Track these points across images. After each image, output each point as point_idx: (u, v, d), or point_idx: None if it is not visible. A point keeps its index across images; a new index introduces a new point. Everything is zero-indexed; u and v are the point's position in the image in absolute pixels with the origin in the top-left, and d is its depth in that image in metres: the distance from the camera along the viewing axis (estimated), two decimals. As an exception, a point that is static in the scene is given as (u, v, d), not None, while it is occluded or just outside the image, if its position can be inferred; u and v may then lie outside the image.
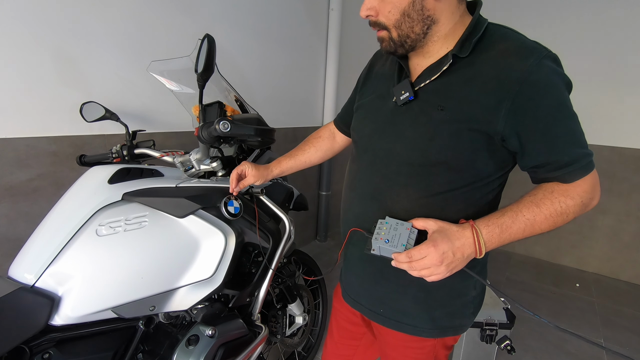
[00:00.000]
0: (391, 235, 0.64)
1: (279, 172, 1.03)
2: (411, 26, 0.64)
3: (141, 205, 0.89)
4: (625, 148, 2.61)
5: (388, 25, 0.66)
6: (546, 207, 0.63)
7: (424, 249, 0.61)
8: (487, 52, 0.63)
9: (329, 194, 3.06)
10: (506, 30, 0.65)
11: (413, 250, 0.61)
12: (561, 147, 0.62)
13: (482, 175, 0.68)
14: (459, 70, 0.65)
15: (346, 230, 0.85)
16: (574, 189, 0.63)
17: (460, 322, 0.79)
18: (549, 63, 0.60)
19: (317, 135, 1.06)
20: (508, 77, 0.59)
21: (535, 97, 0.59)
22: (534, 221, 0.63)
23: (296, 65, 2.57)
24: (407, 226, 0.65)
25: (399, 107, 0.71)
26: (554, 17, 2.66)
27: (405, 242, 0.63)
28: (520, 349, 1.84)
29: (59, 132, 1.36)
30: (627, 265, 2.73)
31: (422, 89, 0.68)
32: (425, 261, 0.60)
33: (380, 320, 0.82)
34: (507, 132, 0.62)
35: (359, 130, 0.82)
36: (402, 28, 0.65)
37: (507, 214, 0.64)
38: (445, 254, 0.60)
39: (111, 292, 0.81)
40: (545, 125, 0.60)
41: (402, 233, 0.64)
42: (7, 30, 1.18)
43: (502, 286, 2.56)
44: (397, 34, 0.66)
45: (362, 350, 1.00)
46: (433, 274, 0.62)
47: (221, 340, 0.97)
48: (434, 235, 0.63)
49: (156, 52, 1.61)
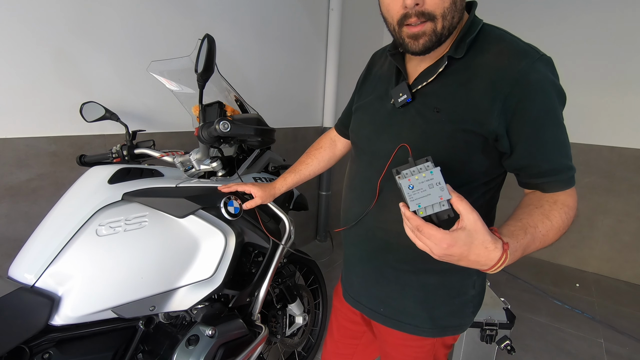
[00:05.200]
0: (419, 188, 0.52)
1: (285, 189, 1.06)
2: (454, 17, 0.61)
3: (141, 205, 0.89)
4: (625, 148, 2.61)
5: (437, 15, 0.59)
6: (556, 220, 0.62)
7: (439, 235, 0.52)
8: (482, 54, 0.63)
9: (329, 194, 3.06)
10: (501, 32, 0.65)
11: (426, 227, 0.52)
12: (547, 152, 0.62)
13: (478, 176, 0.69)
14: (455, 72, 0.65)
15: (347, 231, 0.85)
16: (570, 199, 0.64)
17: (460, 321, 0.80)
18: (542, 66, 0.60)
19: (318, 146, 1.07)
20: (501, 78, 0.60)
21: (525, 99, 0.59)
22: (547, 237, 0.61)
23: (296, 65, 2.57)
24: (442, 195, 0.52)
25: (396, 109, 0.72)
26: (554, 16, 2.66)
27: (425, 206, 0.52)
28: (520, 349, 1.84)
29: (59, 132, 1.36)
30: (627, 265, 2.73)
31: (419, 91, 0.69)
32: (427, 242, 0.53)
33: (380, 319, 0.82)
34: (500, 132, 0.62)
35: (358, 131, 0.82)
36: (447, 18, 0.60)
37: (529, 230, 0.59)
38: (452, 254, 0.53)
39: (111, 292, 0.81)
40: (534, 129, 0.61)
41: (432, 195, 0.52)
42: (7, 30, 1.18)
43: (502, 286, 2.56)
44: (442, 25, 0.60)
45: (362, 349, 1.00)
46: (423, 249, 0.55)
47: (221, 340, 0.97)
48: (459, 233, 0.52)
49: (156, 52, 1.61)
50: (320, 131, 2.93)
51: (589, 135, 2.67)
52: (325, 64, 2.88)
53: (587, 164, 2.70)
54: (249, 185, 1.02)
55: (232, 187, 1.02)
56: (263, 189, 1.03)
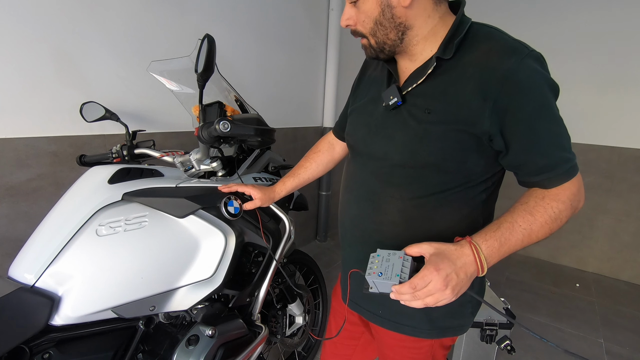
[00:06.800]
0: (384, 268, 0.59)
1: (285, 193, 1.07)
2: (385, 33, 0.67)
3: (141, 205, 0.89)
4: (625, 148, 2.61)
5: (365, 34, 0.69)
6: (540, 215, 0.62)
7: (426, 274, 0.56)
8: (471, 53, 0.63)
9: (329, 194, 3.06)
10: (490, 30, 0.65)
11: (415, 279, 0.56)
12: (543, 148, 0.61)
13: (474, 175, 0.69)
14: (444, 73, 0.65)
15: (344, 232, 0.86)
16: (564, 192, 0.63)
17: (460, 322, 0.80)
18: (532, 62, 0.60)
19: (317, 149, 1.07)
20: (491, 76, 0.60)
21: (517, 96, 0.59)
22: (530, 230, 0.62)
23: (296, 66, 2.57)
24: (400, 255, 0.60)
25: (389, 111, 0.72)
26: (553, 16, 2.66)
27: (399, 272, 0.58)
28: (520, 349, 1.84)
29: (59, 132, 1.36)
30: (627, 265, 2.73)
31: (410, 93, 0.69)
32: (430, 287, 0.56)
33: (378, 321, 0.82)
34: (493, 132, 0.62)
35: (353, 133, 0.83)
36: (377, 35, 0.67)
37: (503, 225, 0.62)
38: (449, 276, 0.56)
39: (111, 292, 0.81)
40: (527, 126, 0.60)
41: (395, 263, 0.59)
42: (7, 30, 1.18)
43: (502, 286, 2.56)
44: (375, 41, 0.68)
45: (361, 349, 1.00)
46: (439, 300, 0.57)
47: (221, 340, 0.97)
48: (432, 258, 0.59)
49: (156, 52, 1.61)
50: (320, 131, 2.93)
51: (589, 135, 2.67)
52: (325, 64, 2.88)
53: (587, 164, 2.70)
54: (249, 187, 1.02)
55: (232, 187, 1.02)
56: (263, 191, 1.03)
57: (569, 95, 2.68)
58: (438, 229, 0.71)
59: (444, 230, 0.71)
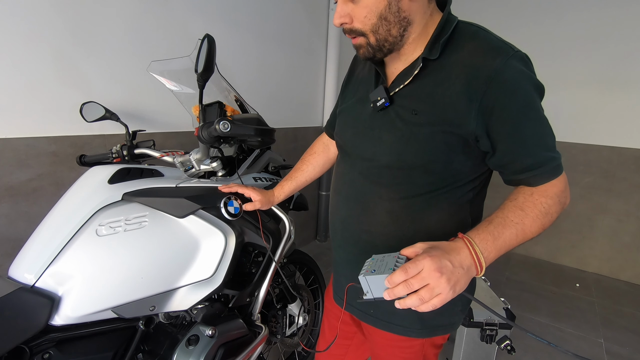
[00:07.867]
0: (377, 266, 0.58)
1: (283, 197, 1.07)
2: (388, 29, 0.64)
3: (141, 205, 0.89)
4: (625, 148, 2.61)
5: (365, 31, 0.65)
6: (530, 210, 0.62)
7: (419, 259, 0.53)
8: (457, 53, 0.63)
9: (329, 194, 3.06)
10: (476, 29, 0.65)
11: (407, 264, 0.53)
12: (528, 148, 0.62)
13: (461, 175, 0.69)
14: (431, 74, 0.65)
15: (335, 233, 0.86)
16: (551, 188, 0.63)
17: (450, 320, 0.80)
18: (517, 63, 0.60)
19: (312, 151, 1.07)
20: (476, 77, 0.60)
21: (502, 97, 0.59)
22: (523, 225, 0.61)
23: (296, 65, 2.57)
24: (395, 255, 0.59)
25: (377, 112, 0.72)
26: (552, 16, 2.65)
27: (392, 267, 0.56)
28: (520, 349, 1.84)
29: (59, 132, 1.36)
30: (627, 265, 2.73)
31: (397, 93, 0.69)
32: (424, 274, 0.52)
33: (370, 321, 0.83)
34: (479, 133, 0.62)
35: (342, 134, 0.83)
36: (379, 32, 0.64)
37: (495, 221, 0.61)
38: (443, 262, 0.53)
39: (111, 292, 0.81)
40: (512, 127, 0.61)
41: (389, 261, 0.58)
42: (7, 30, 1.18)
43: (502, 286, 2.56)
44: (375, 38, 0.65)
45: (354, 349, 1.00)
46: (434, 293, 0.53)
47: (221, 340, 0.97)
48: (425, 249, 0.57)
49: (156, 52, 1.61)
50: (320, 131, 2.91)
51: (589, 135, 2.67)
52: (325, 64, 2.87)
53: (587, 164, 2.70)
54: (249, 189, 1.02)
55: (232, 188, 1.02)
56: (262, 194, 1.03)
57: (569, 96, 2.69)
58: (427, 229, 0.72)
59: (433, 230, 0.71)
